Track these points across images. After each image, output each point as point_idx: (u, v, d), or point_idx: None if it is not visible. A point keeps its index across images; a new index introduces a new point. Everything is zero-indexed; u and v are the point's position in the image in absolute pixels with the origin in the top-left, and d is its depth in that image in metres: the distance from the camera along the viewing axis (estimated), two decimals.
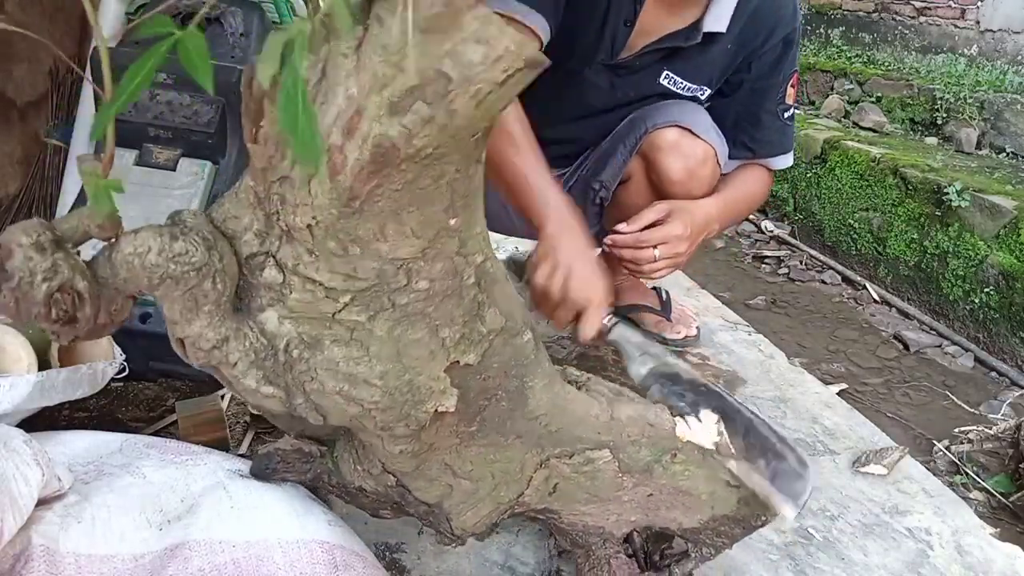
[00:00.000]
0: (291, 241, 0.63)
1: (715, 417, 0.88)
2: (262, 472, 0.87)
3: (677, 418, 0.91)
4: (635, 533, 0.99)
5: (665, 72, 1.41)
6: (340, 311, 0.66)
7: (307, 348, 0.68)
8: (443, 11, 0.51)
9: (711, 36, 1.34)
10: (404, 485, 0.83)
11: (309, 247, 0.63)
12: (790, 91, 1.42)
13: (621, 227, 1.27)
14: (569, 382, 0.89)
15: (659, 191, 1.43)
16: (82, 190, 1.32)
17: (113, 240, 0.61)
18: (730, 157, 1.43)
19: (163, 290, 0.62)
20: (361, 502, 0.88)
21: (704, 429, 0.88)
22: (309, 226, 0.61)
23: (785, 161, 1.47)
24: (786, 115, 1.43)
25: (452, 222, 0.64)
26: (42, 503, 0.76)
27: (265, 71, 0.45)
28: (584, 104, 1.47)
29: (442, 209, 0.62)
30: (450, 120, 0.54)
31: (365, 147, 0.55)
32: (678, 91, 1.42)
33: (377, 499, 0.87)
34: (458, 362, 0.73)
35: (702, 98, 1.43)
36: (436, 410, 0.73)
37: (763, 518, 0.92)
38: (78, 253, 0.61)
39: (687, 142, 1.36)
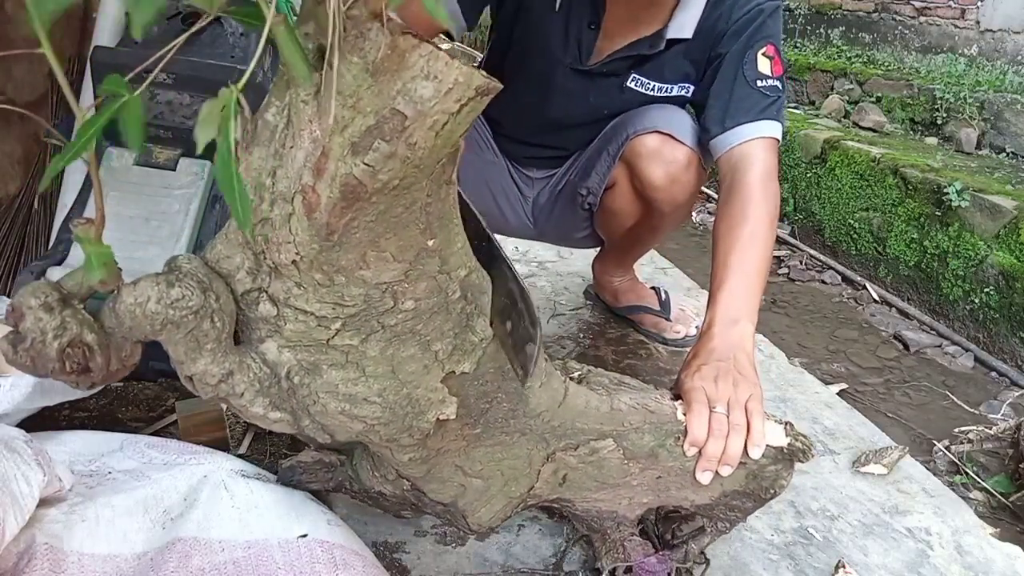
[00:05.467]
0: (280, 276, 0.66)
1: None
2: (288, 483, 0.91)
3: (677, 403, 0.94)
4: (649, 515, 1.01)
5: (632, 75, 1.40)
6: (333, 337, 0.69)
7: (307, 374, 0.71)
8: (389, 53, 0.53)
9: (675, 41, 1.33)
10: (419, 488, 0.86)
11: (297, 280, 0.65)
12: (761, 59, 1.28)
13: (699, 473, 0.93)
14: (569, 376, 0.91)
15: (643, 197, 1.43)
16: (82, 190, 1.32)
17: (115, 292, 0.64)
18: (711, 138, 1.30)
19: (166, 334, 0.65)
20: (383, 505, 0.92)
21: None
22: (294, 262, 0.63)
23: (759, 129, 1.24)
24: (759, 84, 1.27)
25: (430, 243, 0.67)
26: (44, 503, 0.76)
27: (202, 136, 0.47)
28: (561, 111, 1.46)
29: (419, 232, 0.65)
30: (412, 153, 0.56)
31: (334, 185, 0.58)
32: (648, 92, 1.41)
33: (397, 501, 0.90)
34: (454, 372, 0.75)
35: (687, 95, 1.41)
36: (437, 419, 0.75)
37: (772, 491, 0.95)
38: (85, 308, 0.64)
39: (668, 147, 1.35)
